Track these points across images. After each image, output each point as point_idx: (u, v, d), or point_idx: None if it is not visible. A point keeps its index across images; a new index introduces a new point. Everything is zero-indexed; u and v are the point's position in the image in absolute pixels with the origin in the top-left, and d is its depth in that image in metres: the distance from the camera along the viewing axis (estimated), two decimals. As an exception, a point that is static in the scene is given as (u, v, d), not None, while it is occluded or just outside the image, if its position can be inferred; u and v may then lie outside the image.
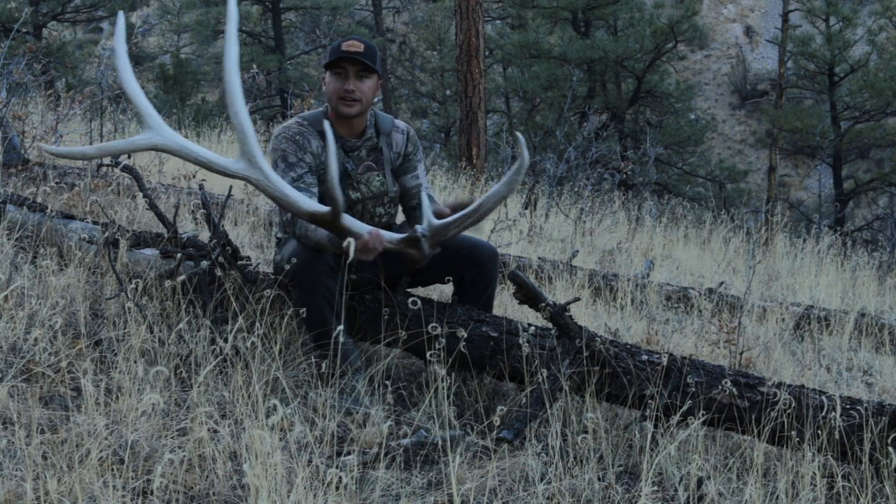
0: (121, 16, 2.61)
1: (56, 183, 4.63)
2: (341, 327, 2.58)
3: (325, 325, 2.85)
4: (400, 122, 3.31)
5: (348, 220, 2.70)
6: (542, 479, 2.47)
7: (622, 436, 2.80)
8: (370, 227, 2.77)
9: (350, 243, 2.65)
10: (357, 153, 3.18)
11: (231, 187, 3.46)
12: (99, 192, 4.67)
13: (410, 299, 2.90)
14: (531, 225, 6.68)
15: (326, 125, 2.60)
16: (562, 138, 10.14)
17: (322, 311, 2.89)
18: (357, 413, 2.74)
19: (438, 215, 2.91)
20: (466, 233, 2.99)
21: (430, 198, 3.30)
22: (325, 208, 2.67)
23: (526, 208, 7.43)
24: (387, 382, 2.78)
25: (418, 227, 2.77)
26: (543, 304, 2.92)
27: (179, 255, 3.15)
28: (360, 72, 3.08)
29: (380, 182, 3.21)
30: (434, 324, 2.83)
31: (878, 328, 5.16)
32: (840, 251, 7.54)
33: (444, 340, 2.79)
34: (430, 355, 2.77)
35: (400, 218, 3.40)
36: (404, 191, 3.29)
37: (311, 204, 2.69)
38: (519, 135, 2.77)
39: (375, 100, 3.19)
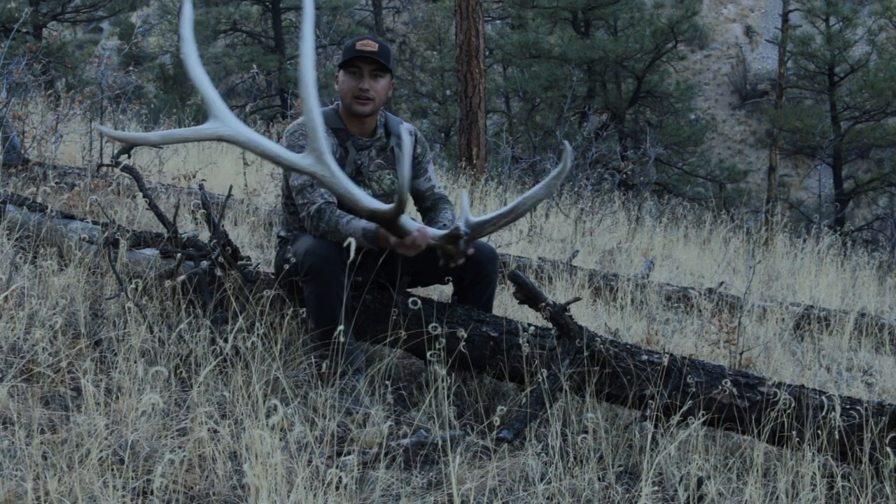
0: (187, 1, 2.49)
1: (56, 183, 4.63)
2: (341, 327, 2.60)
3: (334, 321, 2.85)
4: (407, 124, 3.34)
5: (403, 219, 2.78)
6: (542, 479, 2.47)
7: (622, 436, 2.80)
8: (418, 224, 2.84)
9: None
10: (368, 151, 3.21)
11: (231, 187, 3.46)
12: (99, 192, 4.67)
13: (410, 299, 2.90)
14: (531, 225, 6.68)
15: (404, 129, 2.64)
16: (562, 138, 10.13)
17: (334, 307, 2.90)
18: (357, 413, 2.74)
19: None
20: None
21: (444, 198, 3.33)
22: (387, 206, 2.72)
23: (526, 208, 7.42)
24: (387, 382, 2.78)
25: (460, 225, 2.85)
26: (543, 304, 2.92)
27: (179, 255, 3.15)
28: (375, 71, 3.11)
29: (391, 181, 3.24)
30: (434, 324, 2.83)
31: (878, 328, 5.16)
32: (840, 251, 7.54)
33: (444, 340, 2.80)
34: (431, 355, 2.77)
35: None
36: (419, 193, 3.35)
37: (372, 202, 2.74)
38: (566, 143, 2.89)
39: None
